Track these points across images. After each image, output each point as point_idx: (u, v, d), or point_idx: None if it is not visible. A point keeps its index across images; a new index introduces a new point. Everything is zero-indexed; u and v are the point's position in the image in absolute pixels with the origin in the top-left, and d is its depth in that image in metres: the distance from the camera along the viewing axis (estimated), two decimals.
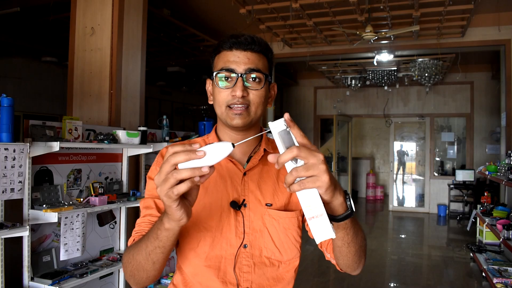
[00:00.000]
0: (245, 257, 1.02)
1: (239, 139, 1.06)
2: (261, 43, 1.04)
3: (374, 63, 7.01)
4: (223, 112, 1.02)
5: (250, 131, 1.08)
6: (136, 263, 0.92)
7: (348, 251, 0.92)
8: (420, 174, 9.98)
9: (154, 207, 1.03)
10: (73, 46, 3.57)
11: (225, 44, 1.03)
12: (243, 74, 0.99)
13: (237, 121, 1.01)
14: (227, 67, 1.00)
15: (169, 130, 3.64)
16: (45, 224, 2.52)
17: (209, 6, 5.48)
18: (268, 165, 1.10)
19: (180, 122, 10.68)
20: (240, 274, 1.02)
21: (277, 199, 1.06)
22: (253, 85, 1.01)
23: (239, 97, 0.99)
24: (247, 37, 1.02)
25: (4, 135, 2.18)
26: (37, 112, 7.07)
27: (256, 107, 1.02)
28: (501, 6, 5.30)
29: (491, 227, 4.29)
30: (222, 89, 1.01)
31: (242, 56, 1.01)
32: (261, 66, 1.02)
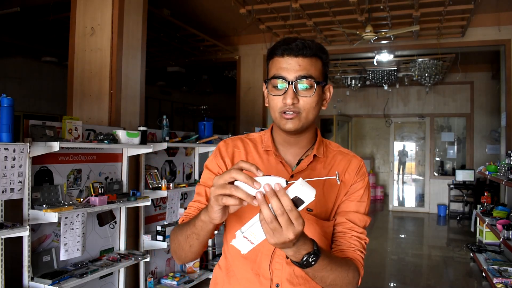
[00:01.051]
0: (279, 255, 1.07)
1: (292, 141, 1.12)
2: (312, 47, 1.04)
3: (374, 63, 7.01)
4: (277, 117, 1.06)
5: (303, 134, 1.12)
6: (178, 242, 1.04)
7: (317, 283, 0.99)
8: (420, 174, 9.98)
9: (204, 195, 1.13)
10: (73, 46, 3.57)
11: (277, 50, 1.04)
12: (293, 81, 1.01)
13: (289, 126, 1.04)
14: (278, 74, 1.03)
15: (169, 130, 3.64)
16: (45, 224, 2.52)
17: (209, 6, 5.48)
18: (317, 171, 1.12)
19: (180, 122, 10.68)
20: (272, 271, 1.07)
21: (319, 206, 1.09)
22: (304, 92, 1.03)
23: (289, 105, 1.01)
24: (299, 42, 1.03)
25: (4, 135, 2.18)
26: (37, 112, 7.07)
27: (307, 113, 1.04)
28: (501, 6, 5.30)
29: (491, 227, 4.29)
30: (275, 96, 1.04)
31: (293, 63, 1.02)
32: (313, 71, 1.03)
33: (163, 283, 3.69)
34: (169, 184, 3.48)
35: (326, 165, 1.14)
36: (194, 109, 10.74)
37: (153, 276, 3.63)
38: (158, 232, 3.39)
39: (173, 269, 3.95)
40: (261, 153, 1.15)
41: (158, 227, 3.40)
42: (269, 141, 1.14)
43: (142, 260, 3.12)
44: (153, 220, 3.65)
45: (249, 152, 1.15)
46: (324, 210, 1.10)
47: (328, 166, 1.14)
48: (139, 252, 3.22)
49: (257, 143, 1.17)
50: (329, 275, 0.94)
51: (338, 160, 1.15)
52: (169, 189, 3.44)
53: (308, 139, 1.14)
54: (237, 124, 6.89)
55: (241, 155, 1.15)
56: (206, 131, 4.12)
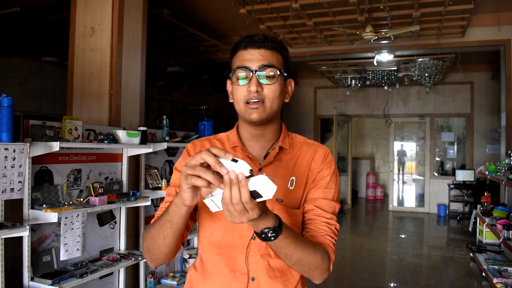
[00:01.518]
0: (253, 248, 1.09)
1: (257, 134, 1.14)
2: (274, 40, 1.09)
3: (374, 63, 7.01)
4: (242, 108, 1.08)
5: (268, 126, 1.14)
6: (151, 236, 1.03)
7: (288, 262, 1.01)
8: (420, 174, 9.98)
9: (175, 194, 1.11)
10: (73, 46, 3.56)
11: (240, 44, 1.10)
12: (257, 70, 1.05)
13: (254, 115, 1.07)
14: (242, 65, 1.07)
15: (169, 130, 3.64)
16: (45, 224, 2.52)
17: (209, 6, 5.48)
18: (284, 162, 1.15)
19: (180, 122, 10.68)
20: (248, 264, 1.09)
21: (288, 196, 1.10)
22: (267, 80, 1.07)
23: (253, 92, 1.04)
24: (261, 35, 1.08)
25: (4, 135, 2.18)
26: (37, 112, 7.07)
27: (272, 102, 1.07)
28: (501, 6, 5.30)
29: (491, 227, 4.29)
30: (239, 87, 1.07)
31: (256, 54, 1.07)
32: (275, 62, 1.08)
33: (163, 283, 3.69)
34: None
35: (293, 156, 1.16)
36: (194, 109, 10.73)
37: (153, 276, 3.63)
38: None
39: (173, 269, 3.95)
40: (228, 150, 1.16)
41: None
42: (235, 138, 1.17)
43: (142, 260, 3.12)
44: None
45: None
46: (294, 199, 1.12)
47: (295, 157, 1.16)
48: (139, 252, 3.22)
49: (224, 141, 1.21)
50: (293, 254, 0.96)
51: (304, 151, 1.18)
52: None
53: (274, 132, 1.16)
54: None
55: None
56: (206, 131, 4.12)
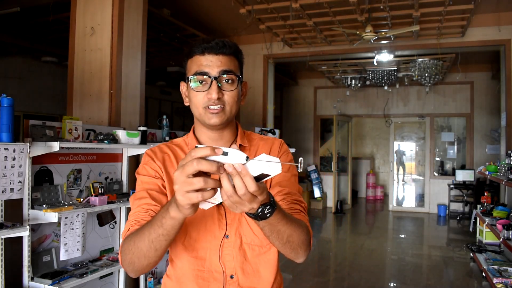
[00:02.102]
0: (227, 246, 1.10)
1: (216, 137, 1.14)
2: (232, 46, 1.09)
3: (374, 63, 7.01)
4: (201, 113, 1.08)
5: (226, 129, 1.15)
6: (138, 250, 0.94)
7: (273, 241, 0.97)
8: (420, 174, 9.98)
9: (148, 197, 1.07)
10: (73, 46, 3.56)
11: (197, 48, 1.08)
12: (217, 77, 1.05)
13: (215, 120, 1.07)
14: (201, 70, 1.05)
15: (169, 130, 3.64)
16: (45, 224, 2.52)
17: (209, 6, 5.47)
18: None
19: (180, 122, 10.68)
20: (224, 263, 1.09)
21: None
22: (227, 86, 1.07)
23: (214, 99, 1.04)
24: (218, 41, 1.08)
25: (4, 135, 2.18)
26: (37, 112, 7.07)
27: (231, 107, 1.08)
28: (501, 6, 5.30)
29: (491, 227, 4.29)
30: (198, 92, 1.06)
31: (214, 60, 1.06)
32: (234, 68, 1.08)
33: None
34: None
35: (251, 152, 1.19)
36: None
37: (153, 276, 3.63)
38: None
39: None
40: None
41: None
42: (193, 142, 1.16)
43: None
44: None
45: (178, 155, 1.16)
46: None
47: (253, 153, 1.19)
48: None
49: (182, 146, 1.19)
50: (285, 229, 0.94)
51: (261, 145, 1.22)
52: None
53: (231, 132, 1.18)
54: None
55: (171, 158, 1.15)
56: None
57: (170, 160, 1.15)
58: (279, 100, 10.42)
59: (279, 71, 8.71)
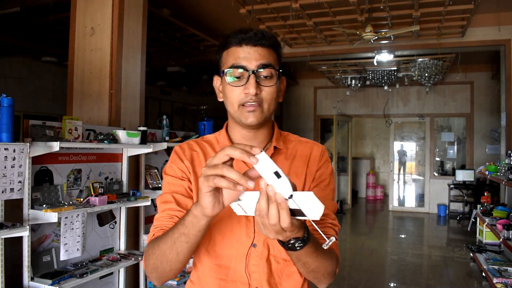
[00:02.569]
0: (254, 256, 1.01)
1: (250, 136, 1.06)
2: (271, 37, 1.01)
3: (374, 63, 7.01)
4: (236, 110, 1.00)
5: (262, 128, 1.07)
6: (161, 253, 0.91)
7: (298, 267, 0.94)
8: (420, 174, 9.98)
9: (173, 201, 1.03)
10: (73, 46, 3.56)
11: (234, 39, 0.99)
12: (255, 71, 0.97)
13: (252, 119, 0.99)
14: (238, 63, 0.97)
15: (169, 130, 3.64)
16: (45, 224, 2.52)
17: (209, 6, 5.47)
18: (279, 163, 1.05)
19: (180, 122, 10.68)
20: (249, 274, 1.01)
21: None
22: (266, 81, 0.99)
23: (252, 95, 0.96)
24: (257, 32, 0.99)
25: (4, 135, 2.18)
26: (37, 112, 7.07)
27: (269, 104, 1.00)
28: (501, 6, 5.30)
29: (491, 227, 4.29)
30: (234, 87, 0.98)
31: (252, 52, 0.98)
32: (273, 61, 1.00)
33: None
34: None
35: (288, 156, 1.10)
36: (194, 109, 10.73)
37: None
38: None
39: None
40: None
41: None
42: (225, 140, 1.08)
43: (142, 260, 3.12)
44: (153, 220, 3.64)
45: (207, 153, 1.09)
46: None
47: (290, 157, 1.10)
48: (139, 252, 3.22)
49: (213, 143, 1.11)
50: (313, 262, 0.90)
51: (300, 150, 1.11)
52: None
53: (267, 132, 1.09)
54: None
55: (200, 156, 1.08)
56: (206, 131, 4.12)
57: (198, 159, 1.08)
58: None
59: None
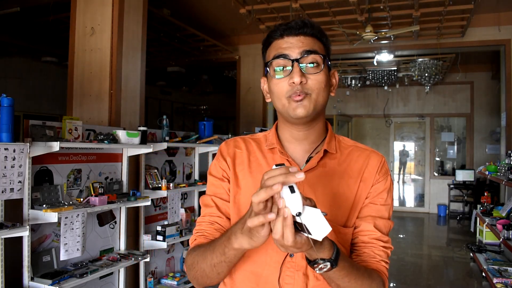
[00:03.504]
0: (289, 267, 0.94)
1: (300, 136, 1.00)
2: (314, 26, 0.95)
3: (374, 63, 7.01)
4: (285, 104, 0.94)
5: (313, 125, 1.00)
6: (201, 270, 0.92)
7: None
8: (420, 174, 9.98)
9: (214, 206, 1.02)
10: (73, 46, 3.56)
11: (275, 33, 0.96)
12: (298, 58, 0.91)
13: (300, 109, 0.92)
14: (280, 53, 0.93)
15: (169, 130, 3.64)
16: (45, 224, 2.52)
17: (209, 6, 5.48)
18: (328, 169, 1.00)
19: (180, 122, 10.68)
20: (282, 285, 0.94)
21: (334, 208, 0.96)
22: (311, 69, 0.93)
23: (297, 84, 0.90)
24: (298, 21, 0.95)
25: (4, 135, 2.18)
26: (37, 112, 7.07)
27: (317, 94, 0.93)
28: (501, 6, 5.30)
29: (491, 227, 4.29)
30: (279, 80, 0.93)
31: (295, 41, 0.93)
32: (318, 48, 0.94)
33: (163, 283, 3.69)
34: (169, 184, 3.48)
35: (341, 162, 1.01)
36: (194, 109, 10.73)
37: (153, 276, 3.63)
38: (158, 232, 3.39)
39: (173, 269, 3.95)
40: (265, 152, 1.04)
41: (158, 227, 3.40)
42: (273, 138, 1.02)
43: (142, 260, 3.12)
44: (153, 220, 3.65)
45: (252, 152, 1.04)
46: (341, 214, 0.97)
47: (344, 164, 1.01)
48: (139, 252, 3.22)
49: (261, 142, 1.06)
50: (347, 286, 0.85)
51: (355, 157, 1.02)
52: (169, 189, 3.44)
53: (318, 133, 1.02)
54: (237, 124, 6.89)
55: (243, 155, 1.04)
56: (206, 131, 4.12)
57: (241, 157, 1.04)
58: None
59: None
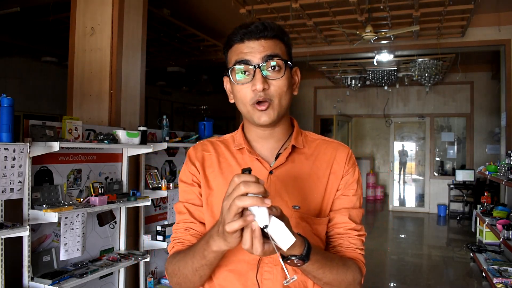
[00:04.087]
0: (267, 262, 0.96)
1: (266, 135, 1.02)
2: (274, 27, 0.96)
3: (374, 63, 7.01)
4: (249, 110, 0.96)
5: (279, 126, 1.02)
6: (183, 276, 0.94)
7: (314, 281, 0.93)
8: (420, 174, 9.98)
9: (186, 212, 1.03)
10: (73, 46, 3.56)
11: (235, 36, 0.96)
12: (260, 64, 0.92)
13: (264, 118, 0.94)
14: (241, 59, 0.93)
15: (169, 130, 3.64)
16: (45, 224, 2.52)
17: (209, 6, 5.48)
18: (297, 163, 1.02)
19: (180, 122, 10.68)
20: (261, 281, 0.95)
21: (307, 201, 0.99)
22: (273, 74, 0.94)
23: (260, 91, 0.91)
24: (258, 24, 0.94)
25: (4, 135, 2.18)
26: (37, 112, 7.07)
27: (280, 99, 0.95)
28: (501, 6, 5.30)
29: (491, 227, 4.29)
30: (242, 86, 0.94)
31: (256, 46, 0.93)
32: (279, 52, 0.95)
33: (163, 283, 3.69)
34: (169, 184, 3.48)
35: (309, 156, 1.03)
36: (194, 109, 10.73)
37: (153, 276, 3.63)
38: (158, 232, 3.39)
39: None
40: (234, 153, 1.05)
41: (158, 227, 3.40)
42: (241, 139, 1.03)
43: (142, 260, 3.12)
44: (153, 220, 3.65)
45: (221, 153, 1.05)
46: (313, 206, 0.99)
47: (312, 157, 1.03)
48: (139, 252, 3.22)
49: (229, 143, 1.07)
50: (323, 277, 0.89)
51: (323, 149, 1.04)
52: (169, 189, 3.43)
53: (284, 130, 1.04)
54: (237, 124, 6.89)
55: (212, 157, 1.05)
56: (206, 131, 4.12)
57: (210, 159, 1.05)
58: None
59: None
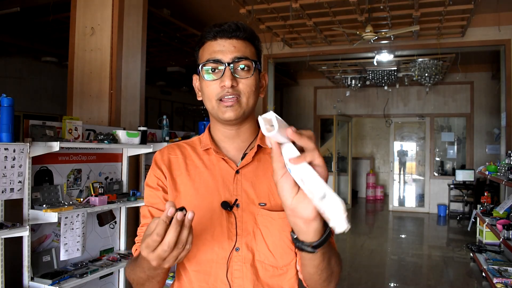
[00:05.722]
0: (237, 261, 0.95)
1: (232, 135, 1.03)
2: (246, 29, 0.99)
3: (374, 63, 7.01)
4: (214, 106, 0.97)
5: (245, 125, 1.03)
6: (141, 280, 0.95)
7: (319, 277, 0.88)
8: (420, 174, 9.98)
9: (149, 217, 1.03)
10: (73, 46, 3.56)
11: (208, 34, 0.98)
12: (230, 63, 0.95)
13: (229, 114, 0.96)
14: (213, 57, 0.96)
15: (169, 130, 3.64)
16: (45, 224, 2.52)
17: (209, 6, 5.48)
18: (263, 162, 1.03)
19: (180, 122, 10.68)
20: (232, 280, 0.95)
21: (272, 198, 0.99)
22: (242, 74, 0.96)
23: (228, 87, 0.93)
24: (231, 24, 0.97)
25: (4, 135, 2.18)
26: (37, 112, 7.07)
27: (248, 97, 0.97)
28: (501, 6, 5.30)
29: (491, 227, 4.29)
30: (210, 82, 0.96)
31: (227, 45, 0.96)
32: (249, 54, 0.98)
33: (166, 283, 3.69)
34: None
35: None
36: (194, 109, 10.73)
37: None
38: None
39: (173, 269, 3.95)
40: (201, 154, 1.06)
41: None
42: (207, 140, 1.05)
43: None
44: None
45: (188, 156, 1.06)
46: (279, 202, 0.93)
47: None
48: None
49: (196, 145, 1.08)
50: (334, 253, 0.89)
51: None
52: None
53: (250, 130, 1.05)
54: None
55: (179, 160, 1.06)
56: None
57: (177, 162, 1.05)
58: (279, 100, 10.42)
59: (279, 71, 8.71)
